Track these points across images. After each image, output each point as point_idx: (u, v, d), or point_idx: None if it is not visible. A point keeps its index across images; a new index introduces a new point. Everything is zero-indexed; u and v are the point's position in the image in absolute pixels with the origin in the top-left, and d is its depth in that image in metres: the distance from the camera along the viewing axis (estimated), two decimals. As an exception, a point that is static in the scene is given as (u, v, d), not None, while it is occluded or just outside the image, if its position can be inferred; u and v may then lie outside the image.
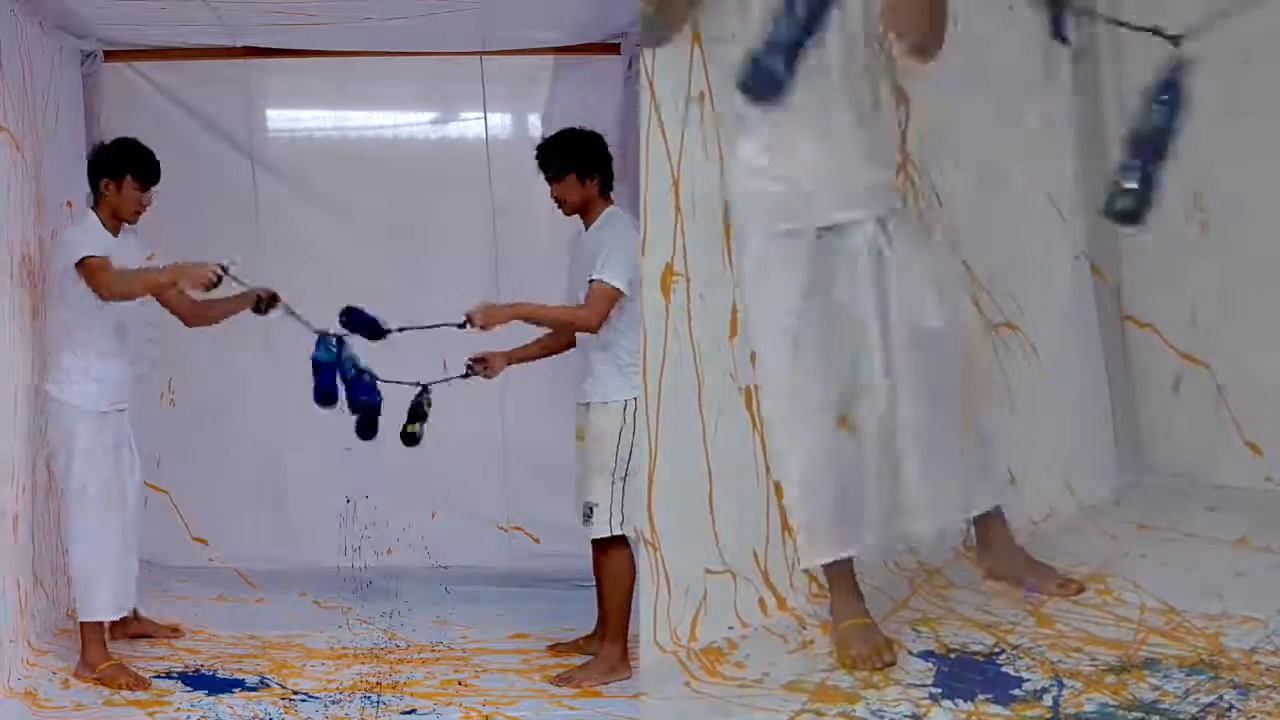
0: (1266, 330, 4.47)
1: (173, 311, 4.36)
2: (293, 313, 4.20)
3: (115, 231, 4.12)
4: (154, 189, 4.17)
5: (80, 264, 3.97)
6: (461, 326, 4.07)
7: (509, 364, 4.31)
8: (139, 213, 4.16)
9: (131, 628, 4.42)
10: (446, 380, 4.31)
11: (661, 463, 3.56)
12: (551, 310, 4.14)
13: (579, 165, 4.09)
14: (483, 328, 4.05)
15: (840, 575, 3.49)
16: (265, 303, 4.21)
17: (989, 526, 3.77)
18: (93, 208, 4.16)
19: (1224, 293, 4.56)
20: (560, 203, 4.15)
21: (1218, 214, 4.54)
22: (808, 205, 3.34)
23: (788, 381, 3.42)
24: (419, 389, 4.28)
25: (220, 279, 3.93)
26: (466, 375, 4.28)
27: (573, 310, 4.06)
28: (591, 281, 3.95)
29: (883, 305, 3.40)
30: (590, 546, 4.11)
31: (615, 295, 3.94)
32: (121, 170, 4.11)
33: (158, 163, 4.17)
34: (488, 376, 4.28)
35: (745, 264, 3.46)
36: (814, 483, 3.44)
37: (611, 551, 4.06)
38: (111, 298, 4.00)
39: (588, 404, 4.07)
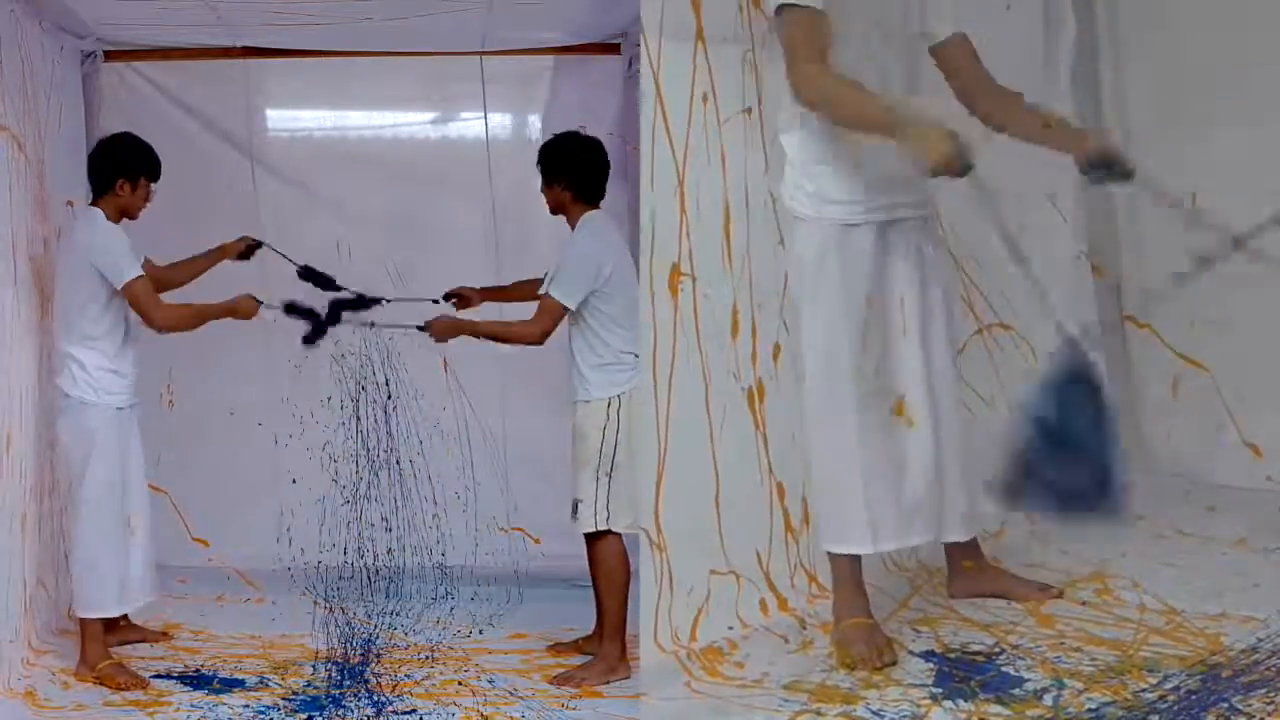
0: (1265, 330, 4.47)
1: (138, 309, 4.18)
2: (277, 250, 4.48)
3: (116, 225, 4.15)
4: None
5: (126, 285, 4.03)
6: (421, 329, 4.33)
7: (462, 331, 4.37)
8: (143, 208, 4.20)
9: (123, 633, 4.41)
10: (400, 327, 4.46)
11: (667, 463, 3.56)
12: (496, 327, 4.34)
13: (546, 170, 4.20)
14: (435, 339, 4.34)
15: (846, 573, 3.48)
16: (249, 248, 4.51)
17: (961, 548, 3.75)
18: (92, 203, 4.16)
19: (1222, 293, 4.56)
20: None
21: (1216, 214, 4.54)
22: (872, 198, 3.36)
23: (840, 371, 3.38)
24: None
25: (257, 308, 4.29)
26: (421, 329, 4.36)
27: (513, 327, 4.24)
28: (541, 296, 4.08)
29: (925, 303, 3.44)
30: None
31: (559, 310, 4.06)
32: (137, 171, 4.15)
33: (159, 159, 4.22)
34: (437, 340, 4.37)
35: (803, 257, 3.43)
36: (846, 474, 3.41)
37: (604, 549, 4.08)
38: (163, 330, 4.13)
39: (575, 402, 4.13)
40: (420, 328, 4.33)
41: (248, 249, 4.56)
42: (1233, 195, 4.43)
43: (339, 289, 4.54)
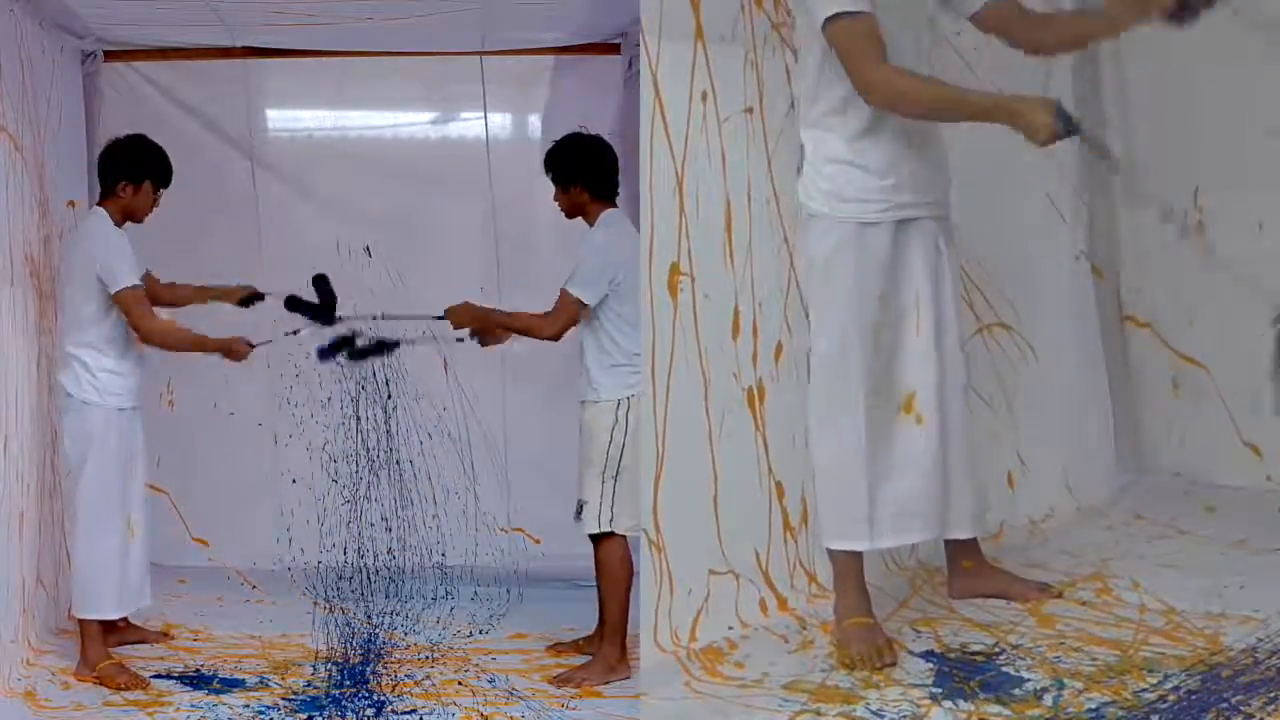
0: (1264, 330, 4.46)
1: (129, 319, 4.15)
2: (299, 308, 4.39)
3: (120, 228, 4.14)
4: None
5: (119, 293, 4.02)
6: (440, 318, 4.28)
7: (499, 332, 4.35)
8: (149, 213, 4.19)
9: (123, 633, 4.41)
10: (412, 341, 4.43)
11: (666, 463, 3.56)
12: (515, 318, 4.26)
13: (560, 175, 4.17)
14: (454, 325, 4.27)
15: (848, 571, 3.48)
16: (249, 297, 4.46)
17: (961, 549, 3.74)
18: (99, 203, 4.16)
19: (1222, 292, 4.56)
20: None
21: (1216, 214, 4.54)
22: (890, 197, 3.36)
23: (849, 368, 3.38)
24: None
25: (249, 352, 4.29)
26: (440, 317, 4.30)
27: (532, 320, 4.17)
28: (561, 289, 4.04)
29: (938, 300, 3.44)
30: (590, 545, 4.12)
31: (575, 305, 4.02)
32: (142, 174, 4.13)
33: (172, 165, 4.21)
34: (486, 344, 4.36)
35: (816, 254, 3.43)
36: (851, 470, 3.41)
37: (608, 550, 4.07)
38: (150, 343, 4.14)
39: (583, 402, 4.11)
40: (439, 316, 4.28)
41: (248, 298, 4.52)
42: (1233, 192, 4.47)
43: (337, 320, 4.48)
